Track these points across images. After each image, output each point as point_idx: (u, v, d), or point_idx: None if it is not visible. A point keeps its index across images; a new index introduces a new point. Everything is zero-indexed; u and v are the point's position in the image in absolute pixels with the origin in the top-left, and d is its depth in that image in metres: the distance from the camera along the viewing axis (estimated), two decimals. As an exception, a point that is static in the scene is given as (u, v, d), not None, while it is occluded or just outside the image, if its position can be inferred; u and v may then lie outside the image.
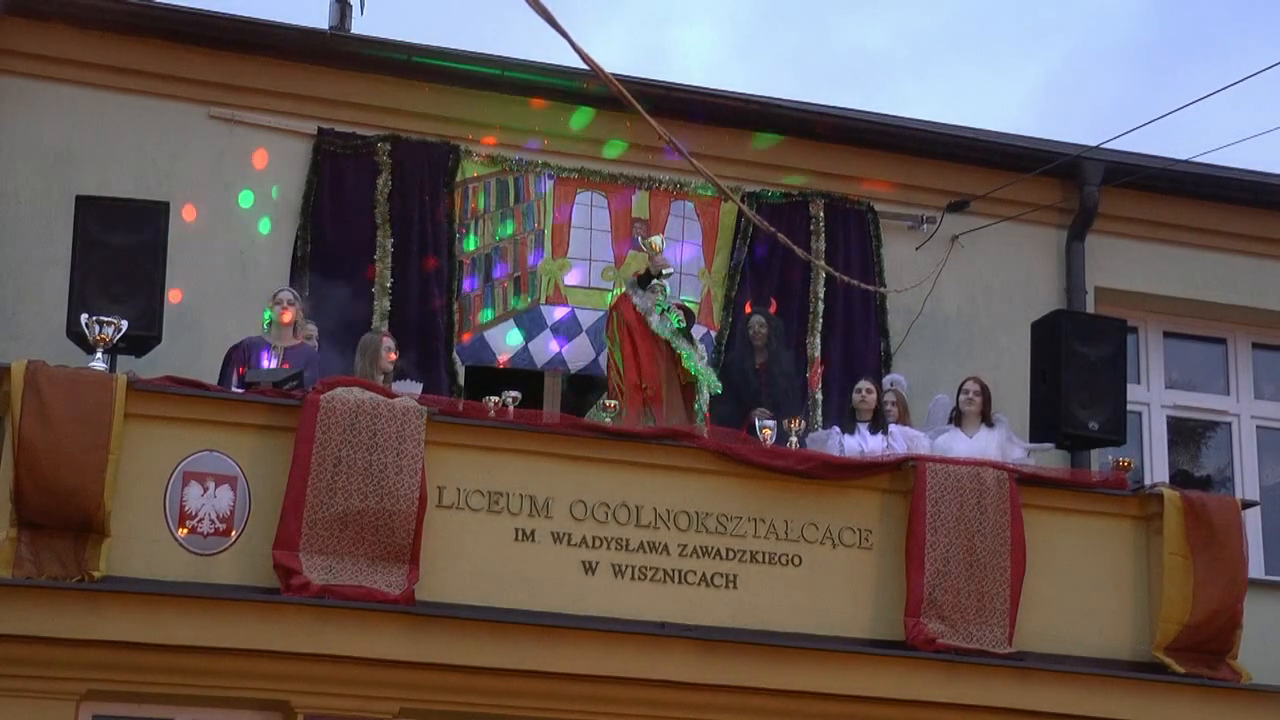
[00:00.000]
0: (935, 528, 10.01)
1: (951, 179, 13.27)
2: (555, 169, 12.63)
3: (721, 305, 12.82)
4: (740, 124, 12.88)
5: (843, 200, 13.15)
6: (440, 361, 11.92)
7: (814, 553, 10.05)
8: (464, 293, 12.29)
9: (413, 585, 9.26)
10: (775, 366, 11.98)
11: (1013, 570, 10.05)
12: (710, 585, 9.88)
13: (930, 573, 9.95)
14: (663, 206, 12.76)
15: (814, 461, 10.17)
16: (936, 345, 13.04)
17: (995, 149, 13.31)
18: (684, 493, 9.95)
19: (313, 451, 9.24)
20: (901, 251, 13.18)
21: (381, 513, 9.24)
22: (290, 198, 12.10)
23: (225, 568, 9.21)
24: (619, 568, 9.78)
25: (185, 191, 11.78)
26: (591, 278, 12.58)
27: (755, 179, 13.01)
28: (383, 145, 12.24)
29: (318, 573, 9.13)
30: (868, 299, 12.91)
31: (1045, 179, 13.21)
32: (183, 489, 9.23)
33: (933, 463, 10.25)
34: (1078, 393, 11.34)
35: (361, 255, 12.01)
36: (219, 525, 9.25)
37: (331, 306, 11.38)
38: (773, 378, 11.92)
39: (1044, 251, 13.49)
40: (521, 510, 9.68)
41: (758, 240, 12.80)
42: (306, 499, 9.18)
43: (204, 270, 11.69)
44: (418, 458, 9.36)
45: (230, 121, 12.12)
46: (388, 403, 9.47)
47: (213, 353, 11.01)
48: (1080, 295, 13.29)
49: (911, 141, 13.23)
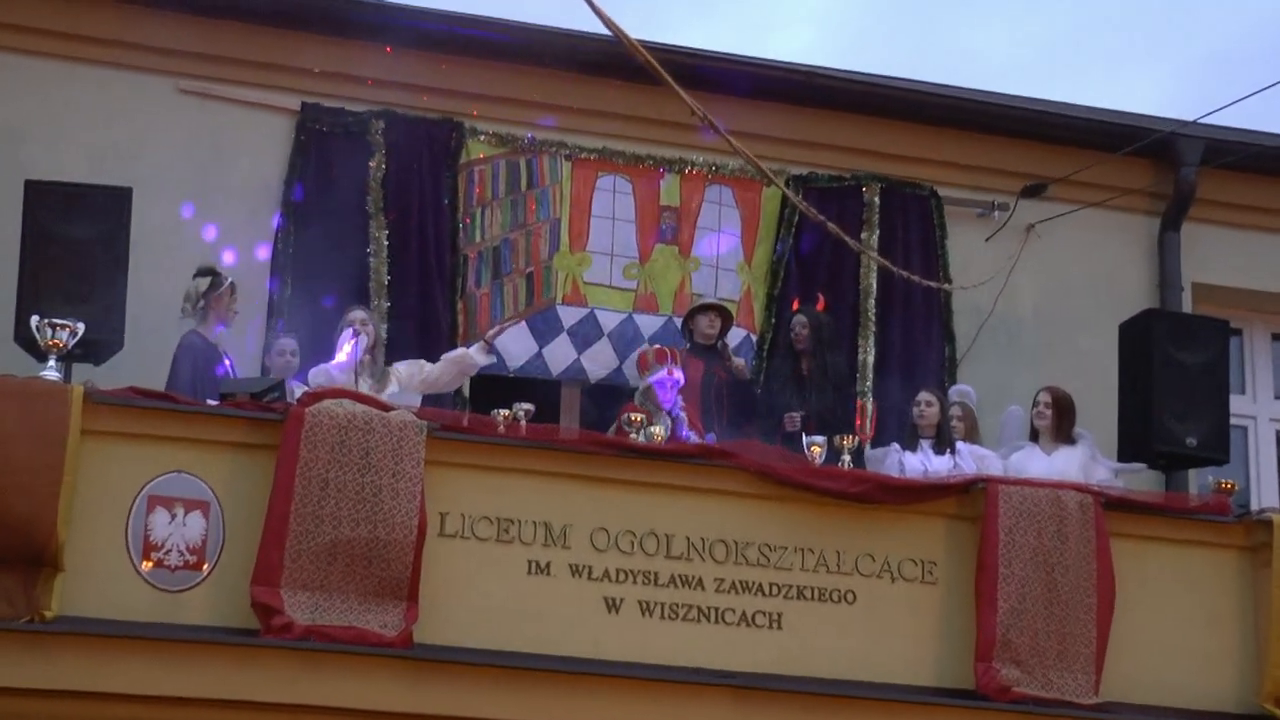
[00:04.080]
0: (1009, 559, 10.00)
1: (1027, 159, 13.29)
2: (573, 149, 12.65)
3: (763, 304, 12.83)
4: (785, 97, 12.89)
5: (902, 184, 13.17)
6: (443, 369, 11.92)
7: (870, 588, 10.05)
8: (469, 291, 12.30)
9: (411, 626, 9.25)
10: (822, 373, 11.96)
11: (1099, 608, 10.02)
12: (751, 625, 9.87)
13: (1004, 611, 9.93)
14: (696, 192, 12.77)
15: (870, 483, 10.16)
16: (1009, 350, 13.05)
17: (1077, 125, 13.32)
18: (721, 519, 9.94)
19: (296, 473, 9.25)
20: (969, 242, 13.20)
21: (375, 543, 9.25)
22: (270, 183, 12.12)
23: (196, 606, 9.21)
24: (646, 605, 9.77)
25: (151, 176, 11.78)
26: (614, 274, 12.61)
27: (802, 160, 13.03)
28: (375, 122, 12.27)
29: (302, 612, 9.13)
30: (930, 297, 12.92)
31: (1135, 159, 13.19)
32: (147, 516, 9.22)
33: (1006, 485, 10.23)
34: (1173, 404, 11.29)
35: (352, 249, 12.02)
36: (189, 558, 9.24)
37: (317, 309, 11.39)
38: (820, 386, 11.90)
39: (1133, 242, 13.50)
40: (535, 539, 9.69)
41: (805, 230, 12.79)
42: (289, 527, 9.18)
43: (173, 266, 11.68)
44: (416, 479, 9.37)
45: (202, 96, 12.16)
46: (382, 416, 9.47)
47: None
48: (1175, 292, 13.29)
49: (981, 116, 13.24)
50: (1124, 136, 13.17)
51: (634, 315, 12.55)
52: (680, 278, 12.66)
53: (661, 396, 11.45)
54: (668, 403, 11.43)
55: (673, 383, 11.50)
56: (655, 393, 11.46)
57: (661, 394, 11.46)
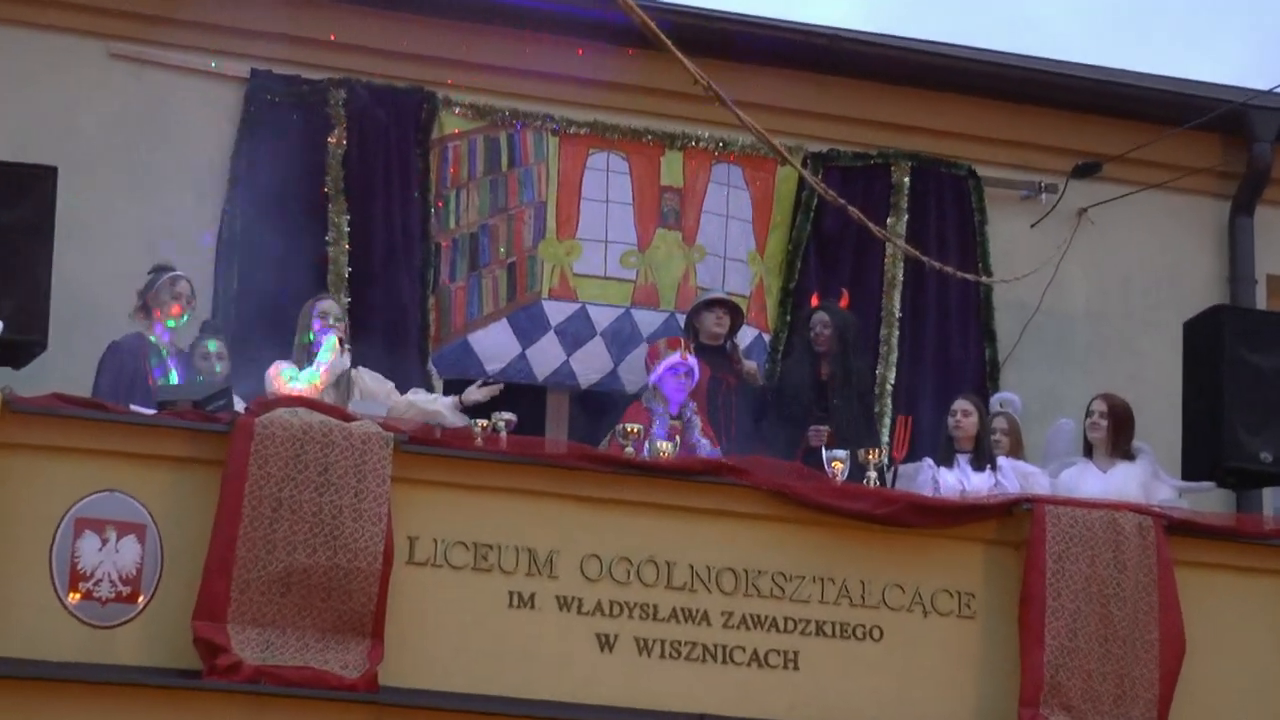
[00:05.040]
0: (1058, 590, 10.02)
1: (1078, 134, 13.32)
2: (560, 122, 12.65)
3: (777, 299, 12.86)
4: (802, 64, 12.92)
5: (936, 162, 13.19)
6: (412, 374, 11.91)
7: (899, 623, 10.08)
8: (442, 284, 12.31)
9: (375, 666, 9.27)
10: (845, 379, 11.94)
11: (1163, 645, 10.06)
12: (763, 666, 9.89)
13: (1052, 649, 9.95)
14: (701, 171, 12.79)
15: (899, 504, 10.18)
16: (1058, 353, 13.10)
17: (1136, 95, 13.37)
18: (729, 545, 9.97)
19: (245, 491, 9.25)
20: (1012, 229, 13.23)
21: (335, 571, 9.25)
22: (215, 161, 12.11)
23: (130, 644, 9.21)
24: (644, 643, 9.79)
25: (79, 153, 11.76)
26: (608, 264, 12.61)
27: (821, 135, 13.06)
28: (335, 92, 12.27)
29: (252, 650, 9.13)
30: (967, 292, 12.94)
31: (1201, 134, 13.24)
32: (74, 541, 9.23)
33: (1054, 506, 10.26)
34: (1244, 414, 11.29)
35: (308, 236, 12.00)
36: (122, 589, 9.25)
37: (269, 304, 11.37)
38: (843, 394, 11.88)
39: (1200, 229, 13.55)
40: (518, 568, 9.71)
41: (824, 215, 12.78)
42: (237, 554, 9.19)
43: (103, 256, 11.69)
44: (382, 499, 9.38)
45: (137, 61, 12.14)
46: (343, 427, 9.49)
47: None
48: (1247, 286, 13.34)
49: (1026, 86, 13.27)
50: (1190, 108, 13.19)
51: (631, 310, 12.55)
52: (683, 268, 12.65)
53: (669, 392, 11.39)
54: (677, 401, 11.36)
55: (685, 368, 11.42)
56: (663, 391, 11.40)
57: (669, 390, 11.39)
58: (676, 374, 11.43)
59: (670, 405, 11.38)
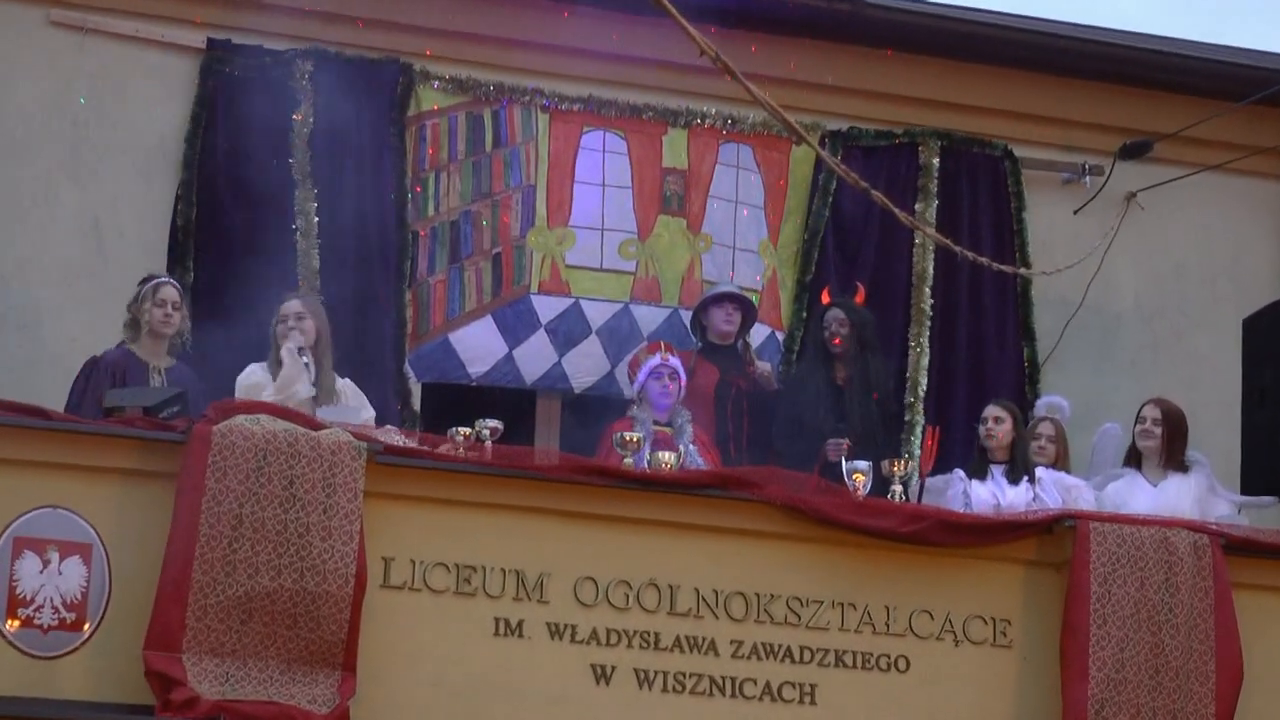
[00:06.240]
0: (1104, 616, 10.05)
1: (1126, 111, 13.39)
2: (551, 97, 12.70)
3: (791, 294, 12.92)
4: (820, 32, 12.96)
5: (969, 142, 13.27)
6: (386, 377, 12.00)
7: (927, 652, 10.11)
8: (420, 278, 12.37)
9: (346, 701, 9.28)
10: (863, 383, 11.98)
11: (1219, 676, 10.08)
12: (777, 700, 9.92)
13: (1098, 681, 9.97)
14: (707, 152, 12.84)
15: (927, 521, 10.19)
16: (1104, 353, 13.14)
17: (1189, 68, 13.40)
18: (739, 566, 9.99)
19: (202, 508, 9.25)
20: (1054, 216, 13.30)
21: (302, 596, 9.27)
22: (167, 140, 12.17)
23: (75, 676, 9.21)
24: (645, 675, 9.81)
25: (16, 131, 11.84)
26: (605, 254, 12.67)
27: (841, 111, 13.12)
28: (302, 64, 12.33)
29: (209, 683, 9.14)
30: (1004, 285, 13.00)
31: (1263, 109, 13.29)
32: (13, 563, 9.23)
33: (1100, 522, 10.28)
34: (1312, 422, 11.38)
35: (272, 224, 12.06)
36: (66, 615, 9.25)
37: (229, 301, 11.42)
38: (861, 400, 11.94)
39: (1261, 215, 13.62)
40: (504, 592, 9.72)
41: (845, 200, 12.86)
42: (193, 577, 9.18)
43: (44, 245, 11.73)
44: (354, 516, 9.40)
45: (80, 29, 12.18)
46: (310, 437, 9.50)
47: (57, 364, 11.10)
48: (1314, 278, 13.35)
49: (1067, 57, 13.32)
50: (1250, 81, 13.24)
51: (630, 306, 12.60)
52: (689, 259, 12.70)
53: (655, 397, 11.47)
54: (663, 406, 11.42)
55: (668, 369, 11.46)
56: (650, 398, 11.47)
57: (654, 395, 11.46)
58: (660, 377, 11.46)
59: (656, 410, 11.44)
